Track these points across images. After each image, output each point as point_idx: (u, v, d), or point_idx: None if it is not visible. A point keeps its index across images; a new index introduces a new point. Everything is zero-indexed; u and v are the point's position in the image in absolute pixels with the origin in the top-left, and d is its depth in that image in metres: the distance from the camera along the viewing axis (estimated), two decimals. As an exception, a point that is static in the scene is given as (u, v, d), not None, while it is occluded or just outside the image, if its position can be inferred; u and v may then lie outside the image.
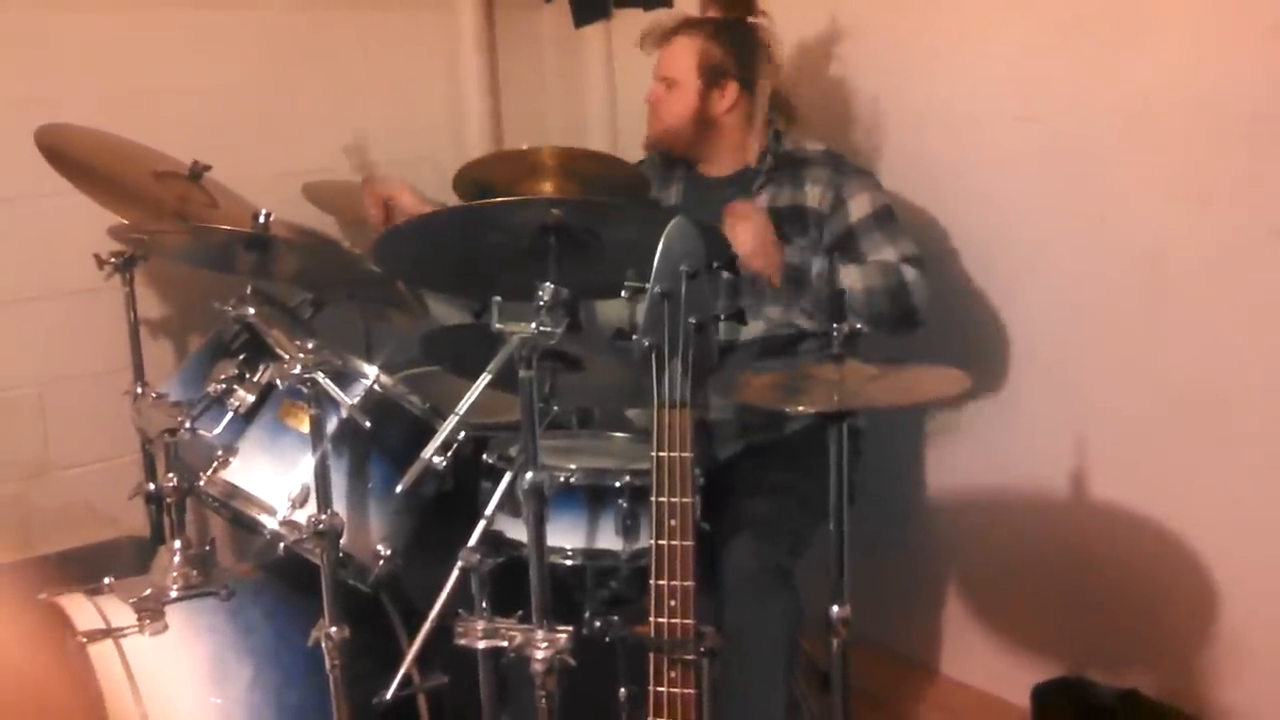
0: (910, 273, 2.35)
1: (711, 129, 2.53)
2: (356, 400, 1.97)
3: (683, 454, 1.55)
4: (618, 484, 1.99)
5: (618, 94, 3.44)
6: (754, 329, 2.45)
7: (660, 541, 1.55)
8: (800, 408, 1.90)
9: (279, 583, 2.16)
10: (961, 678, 2.90)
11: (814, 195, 2.46)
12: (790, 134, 2.57)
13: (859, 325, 1.99)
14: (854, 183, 2.46)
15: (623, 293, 1.60)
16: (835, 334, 1.90)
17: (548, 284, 1.74)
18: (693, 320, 1.56)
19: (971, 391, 1.94)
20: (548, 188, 2.42)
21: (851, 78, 2.83)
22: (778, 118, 2.57)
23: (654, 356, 1.57)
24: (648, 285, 1.58)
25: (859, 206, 2.43)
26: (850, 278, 2.29)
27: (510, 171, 2.47)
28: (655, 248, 1.57)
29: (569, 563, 2.01)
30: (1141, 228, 2.40)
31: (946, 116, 2.68)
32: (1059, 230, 2.53)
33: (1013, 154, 2.58)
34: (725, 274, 1.65)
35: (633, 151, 2.70)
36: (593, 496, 2.02)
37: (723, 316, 1.62)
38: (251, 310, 2.13)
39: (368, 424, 1.94)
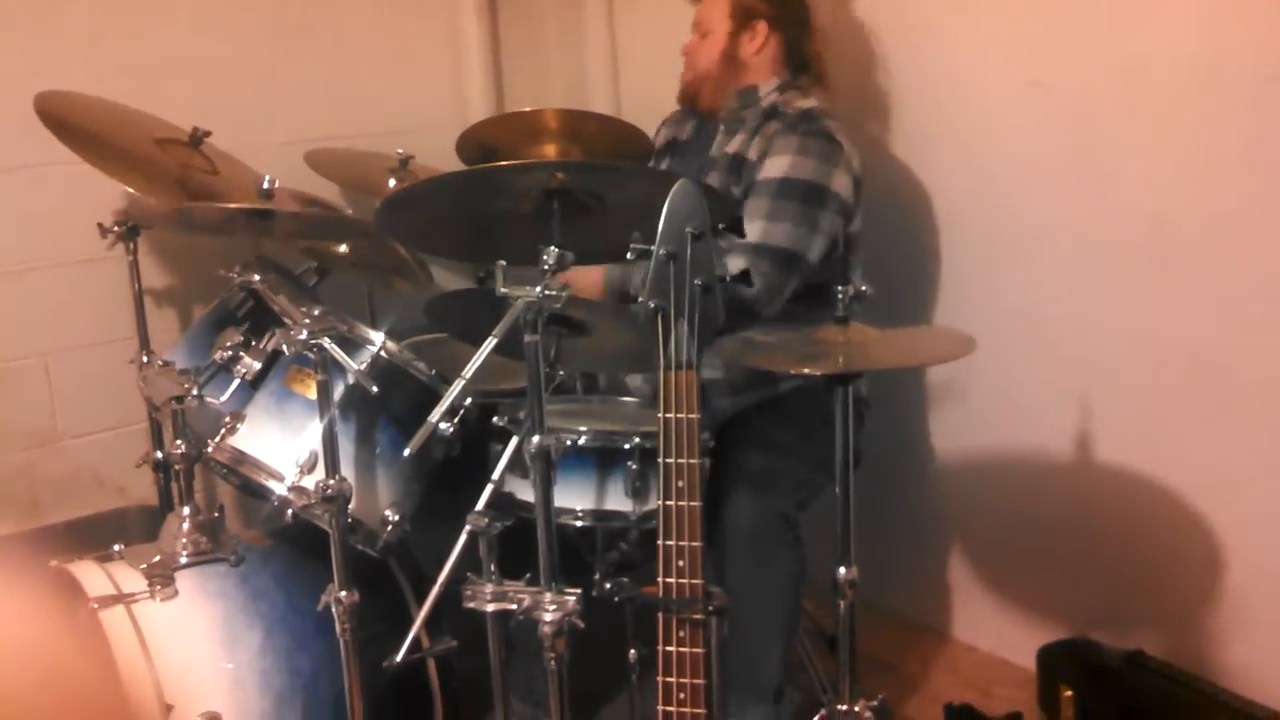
0: (738, 263, 2.22)
1: (740, 71, 2.51)
2: (363, 366, 1.97)
3: (690, 415, 1.55)
4: (627, 445, 2.00)
5: (619, 55, 3.41)
6: None
7: (668, 502, 1.55)
8: (806, 370, 1.90)
9: (288, 549, 2.17)
10: (968, 640, 2.91)
11: (755, 147, 2.42)
12: (802, 89, 2.52)
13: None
14: (791, 142, 2.36)
15: (629, 255, 1.59)
16: (841, 296, 1.90)
17: (552, 248, 1.74)
18: (698, 281, 1.55)
19: (977, 356, 1.94)
20: (551, 151, 2.42)
21: (858, 43, 2.81)
22: (803, 72, 2.53)
23: (660, 318, 1.56)
24: (653, 247, 1.57)
25: (773, 166, 2.35)
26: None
27: (513, 135, 2.47)
28: (659, 210, 1.57)
29: (579, 524, 2.02)
30: (1147, 192, 2.39)
31: (953, 82, 2.66)
32: (1065, 196, 2.52)
33: (1019, 119, 2.56)
34: (733, 235, 1.64)
35: (635, 113, 2.69)
36: (603, 458, 2.03)
37: (728, 278, 1.61)
38: (256, 277, 2.13)
39: (375, 389, 1.95)
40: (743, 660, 2.27)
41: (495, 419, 2.11)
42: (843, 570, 1.88)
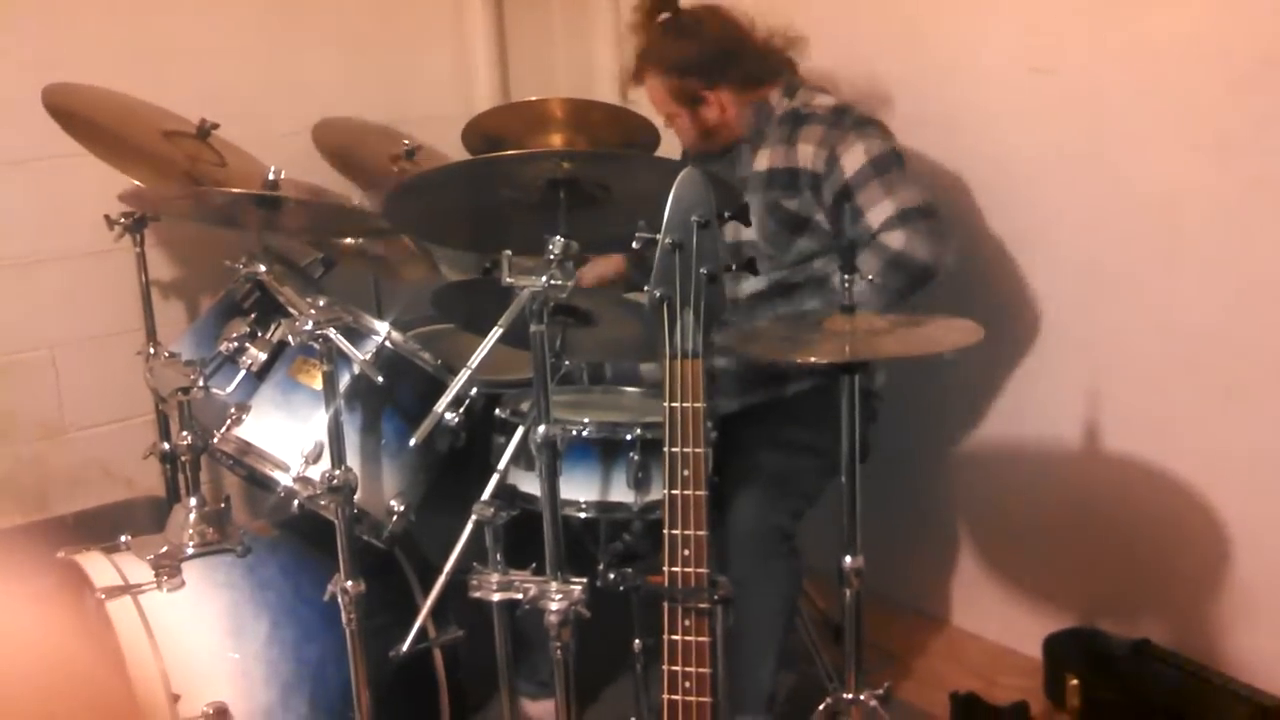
0: (898, 237, 2.26)
1: (723, 129, 2.50)
2: (368, 356, 1.97)
3: (695, 404, 1.55)
4: (629, 437, 2.00)
5: (625, 44, 3.40)
6: (754, 283, 2.43)
7: (674, 491, 1.55)
8: (813, 359, 1.90)
9: (294, 539, 2.18)
10: (974, 629, 2.91)
11: (806, 155, 2.39)
12: (801, 89, 2.50)
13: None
14: (850, 136, 2.37)
15: (634, 244, 1.59)
16: (845, 286, 1.90)
17: (558, 237, 1.74)
18: (704, 270, 1.55)
19: (984, 344, 1.94)
20: (557, 140, 2.41)
21: (864, 30, 2.80)
22: (780, 69, 2.51)
23: (665, 307, 1.56)
24: (659, 236, 1.57)
25: (852, 160, 2.34)
26: (857, 288, 2.18)
27: (519, 124, 2.47)
28: (665, 199, 1.57)
29: (582, 515, 2.02)
30: (1155, 177, 2.38)
31: (960, 68, 2.65)
32: (1073, 181, 2.51)
33: (1027, 105, 2.55)
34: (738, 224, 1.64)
35: (641, 102, 2.68)
36: (605, 450, 2.03)
37: (734, 267, 1.61)
38: (262, 268, 2.14)
39: (380, 379, 1.95)
40: (736, 669, 2.27)
41: (498, 411, 2.11)
42: (848, 559, 1.88)
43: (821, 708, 1.95)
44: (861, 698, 1.91)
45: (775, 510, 2.27)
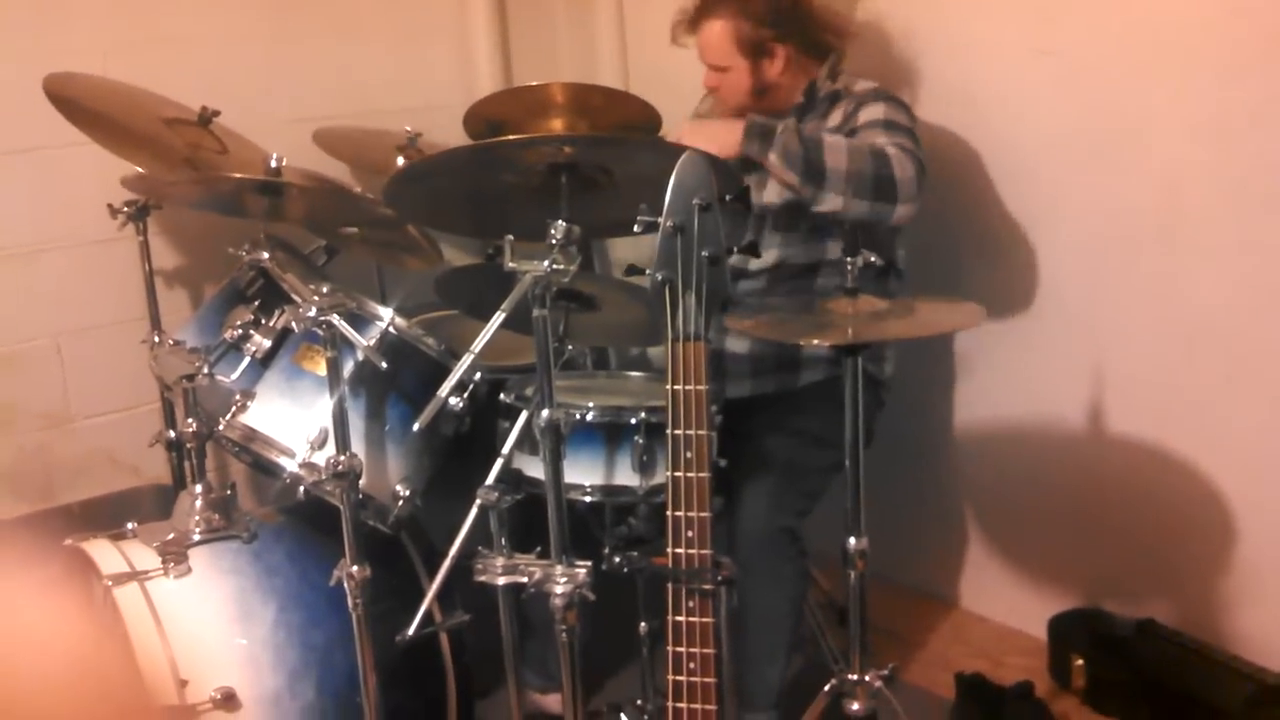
0: (892, 148, 2.22)
1: (773, 92, 2.46)
2: (372, 342, 1.98)
3: (698, 387, 1.55)
4: (633, 420, 2.00)
5: (627, 28, 3.40)
6: (765, 259, 2.43)
7: (676, 473, 1.55)
8: (815, 341, 1.90)
9: (300, 525, 2.18)
10: (979, 610, 2.92)
11: (835, 119, 2.41)
12: (843, 74, 2.50)
13: (836, 198, 2.03)
14: (881, 105, 2.36)
15: (636, 228, 1.59)
16: (850, 268, 1.90)
17: (560, 222, 1.74)
18: (706, 253, 1.55)
19: (988, 326, 1.94)
20: (558, 125, 2.41)
21: (869, 12, 2.79)
22: (833, 47, 2.50)
23: (668, 290, 1.57)
24: (660, 219, 1.57)
25: (869, 114, 2.34)
26: (834, 147, 2.19)
27: (520, 109, 2.46)
28: (667, 183, 1.57)
29: (587, 499, 2.03)
30: (1159, 159, 2.38)
31: (964, 50, 2.65)
32: (1076, 163, 2.51)
33: (1030, 87, 2.55)
34: (738, 206, 1.64)
35: (643, 86, 2.68)
36: (610, 434, 2.03)
37: (736, 249, 1.61)
38: (266, 255, 2.14)
39: (384, 365, 1.95)
40: (746, 668, 2.28)
41: (502, 396, 2.11)
42: (853, 541, 1.88)
43: (826, 689, 1.95)
44: (867, 679, 1.91)
45: (783, 511, 2.27)
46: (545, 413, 1.72)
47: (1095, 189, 2.49)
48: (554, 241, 1.72)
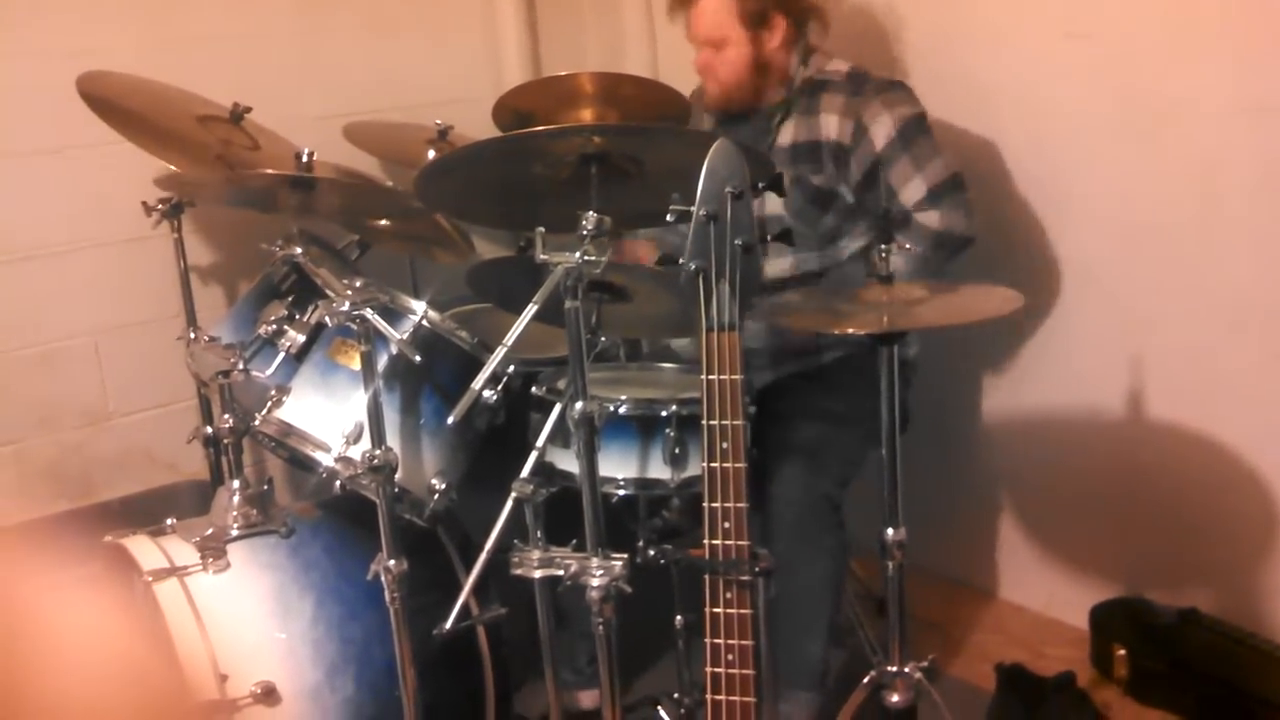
0: (935, 217, 2.29)
1: (768, 69, 2.41)
2: (406, 336, 1.98)
3: (732, 377, 1.54)
4: (664, 413, 1.99)
5: (655, 16, 3.38)
6: (780, 266, 2.41)
7: (713, 464, 1.54)
8: (850, 330, 1.88)
9: (337, 519, 2.19)
10: (1018, 600, 2.90)
11: (830, 125, 2.36)
12: (814, 55, 2.44)
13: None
14: (875, 104, 2.33)
15: (668, 217, 1.58)
16: (882, 256, 1.88)
17: (591, 213, 1.73)
18: (739, 242, 1.54)
19: (1024, 313, 1.92)
20: (588, 115, 2.40)
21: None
22: (812, 26, 2.45)
23: (701, 280, 1.55)
24: (692, 209, 1.56)
25: (881, 131, 2.31)
26: (894, 261, 2.12)
27: (549, 100, 2.46)
28: (697, 172, 1.56)
29: (620, 492, 2.02)
30: (1194, 142, 2.34)
31: (996, 35, 2.62)
32: (1110, 147, 2.48)
33: (1063, 71, 2.52)
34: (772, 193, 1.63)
35: (673, 74, 2.67)
36: (642, 426, 2.02)
37: (770, 237, 1.59)
38: (299, 251, 2.14)
39: (418, 359, 1.95)
40: (787, 645, 2.26)
41: (534, 388, 2.11)
42: (890, 531, 1.87)
43: (866, 680, 1.94)
44: (906, 670, 1.90)
45: (821, 479, 2.26)
46: (579, 405, 1.71)
47: (1130, 173, 2.45)
48: (585, 232, 1.71)
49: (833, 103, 2.36)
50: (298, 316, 2.09)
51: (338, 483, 2.01)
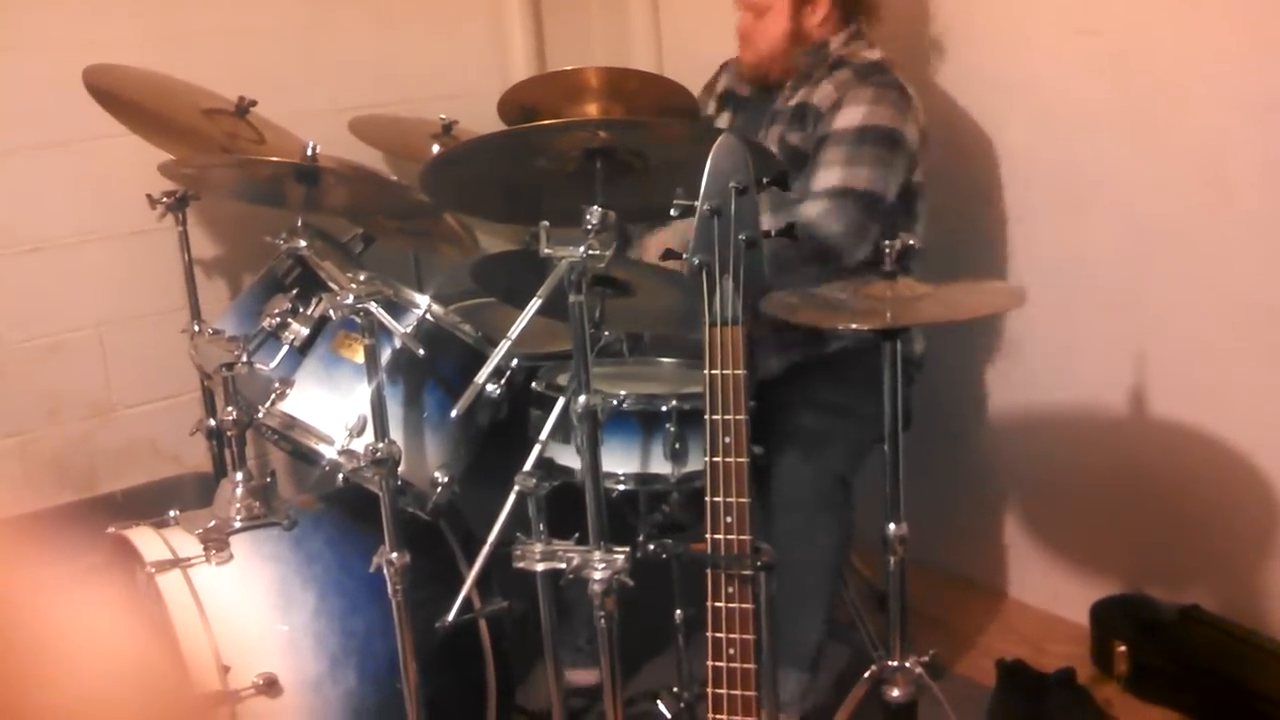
0: (814, 207, 2.23)
1: (805, 45, 2.43)
2: (410, 329, 1.98)
3: (735, 371, 1.54)
4: (665, 408, 1.99)
5: (661, 11, 3.38)
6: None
7: (715, 459, 1.54)
8: (854, 325, 1.89)
9: (339, 512, 2.19)
10: (1020, 596, 2.90)
11: (824, 94, 2.36)
12: (858, 41, 2.45)
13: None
14: (863, 92, 2.32)
15: (672, 212, 1.59)
16: (888, 250, 1.89)
17: (595, 207, 1.73)
18: (743, 237, 1.54)
19: (1028, 308, 1.91)
20: (593, 110, 2.40)
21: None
22: (858, 15, 2.46)
23: (704, 275, 1.56)
24: (697, 204, 1.56)
25: (848, 116, 2.30)
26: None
27: (554, 95, 2.46)
28: (702, 167, 1.56)
29: (621, 487, 2.02)
30: (1204, 138, 2.34)
31: (1005, 31, 2.62)
32: (1119, 143, 2.48)
33: (1069, 68, 2.52)
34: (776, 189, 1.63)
35: (677, 69, 2.67)
36: (643, 421, 2.02)
37: (773, 233, 1.60)
38: (303, 243, 2.15)
39: (421, 352, 1.96)
40: (783, 625, 2.26)
41: (534, 384, 2.11)
42: (892, 526, 1.87)
43: (866, 675, 1.94)
44: (907, 664, 1.90)
45: (830, 461, 2.26)
46: (582, 399, 1.72)
47: (1138, 169, 2.45)
48: (589, 227, 1.72)
49: (837, 77, 2.37)
50: (302, 309, 2.10)
51: (340, 475, 2.01)
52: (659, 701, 2.29)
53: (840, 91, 2.34)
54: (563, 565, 1.76)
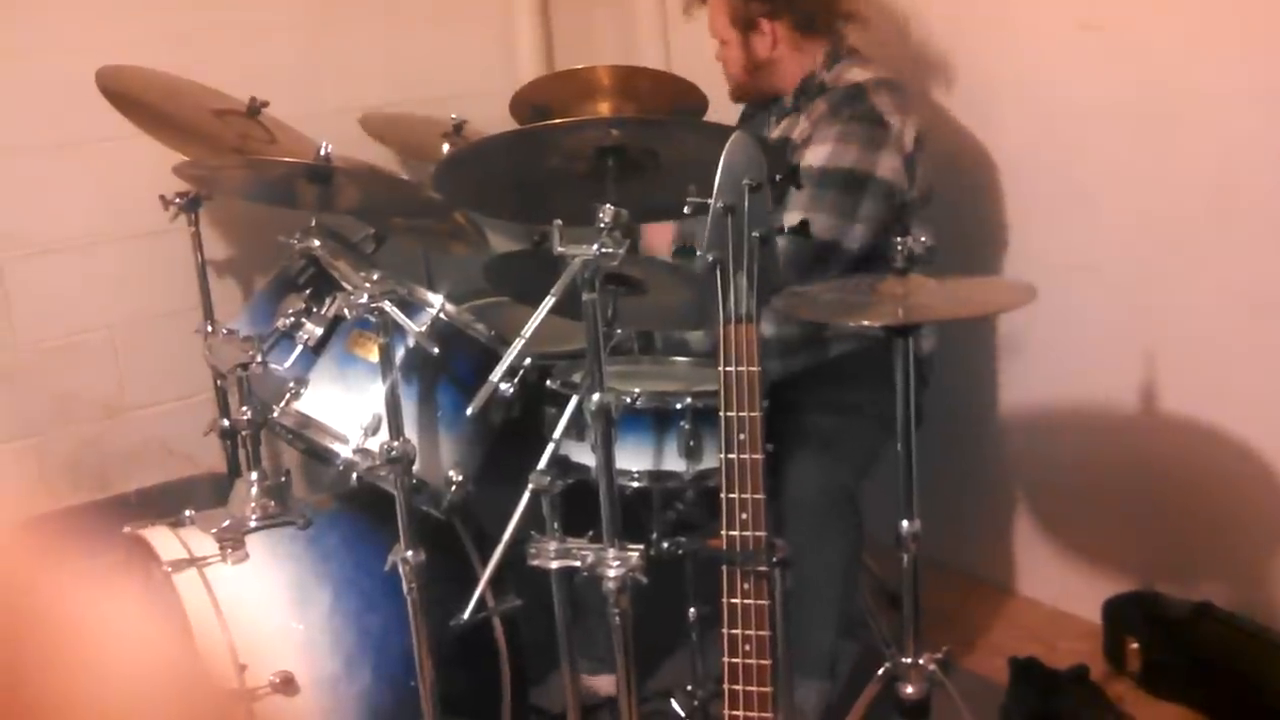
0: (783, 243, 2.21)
1: (769, 68, 2.47)
2: (424, 328, 1.99)
3: (750, 368, 1.55)
4: (679, 406, 2.00)
5: (668, 12, 3.38)
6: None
7: (730, 455, 1.55)
8: (865, 321, 1.89)
9: (354, 511, 2.20)
10: (1032, 594, 2.90)
11: (801, 128, 2.39)
12: (852, 55, 2.45)
13: None
14: (836, 130, 2.31)
15: (685, 209, 1.59)
16: (900, 248, 1.89)
17: (608, 206, 1.74)
18: (757, 234, 1.54)
19: (1038, 305, 1.91)
20: (604, 108, 2.41)
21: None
22: (841, 26, 2.46)
23: (718, 271, 1.56)
24: (710, 201, 1.56)
25: (814, 155, 2.30)
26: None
27: (565, 94, 2.47)
28: (713, 165, 1.56)
29: (635, 485, 2.03)
30: (1209, 133, 2.34)
31: (1007, 26, 2.62)
32: (1124, 139, 2.48)
33: (1074, 64, 2.51)
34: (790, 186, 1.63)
35: (686, 66, 2.68)
36: (657, 419, 2.03)
37: (786, 230, 1.60)
38: (316, 243, 2.15)
39: (436, 350, 1.96)
40: (798, 633, 2.27)
41: (548, 382, 2.12)
42: (905, 524, 1.87)
43: (880, 672, 1.94)
44: (920, 662, 1.90)
45: (838, 468, 2.26)
46: (596, 396, 1.72)
47: (1146, 166, 2.45)
48: (602, 225, 1.72)
49: (816, 108, 2.38)
50: (315, 309, 2.10)
51: (355, 474, 2.02)
52: (673, 700, 2.30)
53: (813, 127, 2.36)
54: (577, 563, 1.77)
